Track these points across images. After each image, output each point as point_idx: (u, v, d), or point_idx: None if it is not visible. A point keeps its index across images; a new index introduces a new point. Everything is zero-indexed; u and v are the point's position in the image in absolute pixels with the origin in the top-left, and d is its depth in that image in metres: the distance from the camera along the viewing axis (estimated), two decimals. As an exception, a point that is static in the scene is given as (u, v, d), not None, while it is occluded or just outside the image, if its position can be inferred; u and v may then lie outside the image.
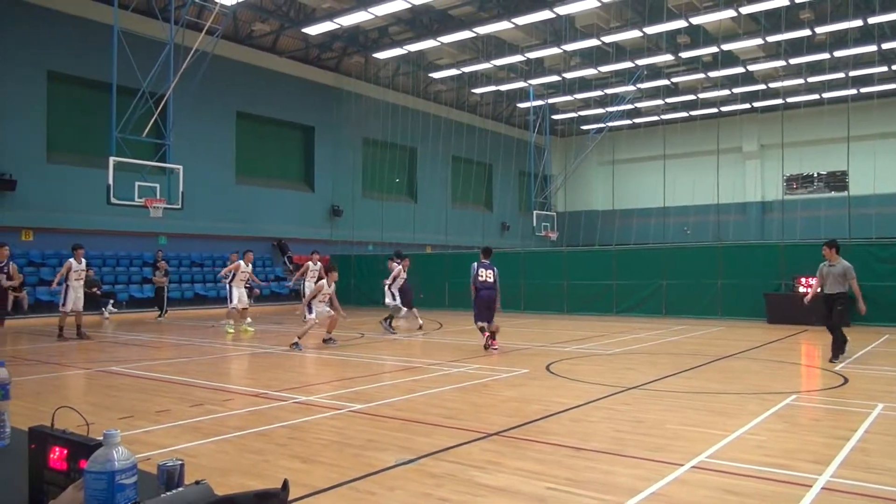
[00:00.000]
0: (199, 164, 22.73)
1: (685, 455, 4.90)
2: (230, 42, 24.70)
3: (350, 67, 30.43)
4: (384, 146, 30.81)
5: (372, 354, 11.47)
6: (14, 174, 19.86)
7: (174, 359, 10.95)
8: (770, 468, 4.58)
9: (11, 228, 20.09)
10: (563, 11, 22.17)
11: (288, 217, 27.58)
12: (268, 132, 27.94)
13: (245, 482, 4.30)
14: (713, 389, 7.88)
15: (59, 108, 21.44)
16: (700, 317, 18.86)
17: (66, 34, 21.03)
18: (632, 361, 10.42)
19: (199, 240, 24.33)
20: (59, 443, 1.61)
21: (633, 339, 13.66)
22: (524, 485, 4.26)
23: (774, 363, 10.16)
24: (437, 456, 4.93)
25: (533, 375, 8.89)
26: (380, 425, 5.96)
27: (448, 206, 33.81)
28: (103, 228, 21.46)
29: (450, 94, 34.40)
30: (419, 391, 7.73)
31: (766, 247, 20.06)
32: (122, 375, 9.07)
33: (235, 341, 13.68)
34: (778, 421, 6.15)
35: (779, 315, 17.08)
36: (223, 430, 5.75)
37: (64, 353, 11.74)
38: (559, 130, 41.27)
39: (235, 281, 15.66)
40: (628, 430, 5.75)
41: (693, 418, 6.27)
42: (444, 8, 24.01)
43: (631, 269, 20.73)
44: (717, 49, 25.35)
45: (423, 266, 24.66)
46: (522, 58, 27.34)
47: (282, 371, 9.58)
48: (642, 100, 33.87)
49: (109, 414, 6.48)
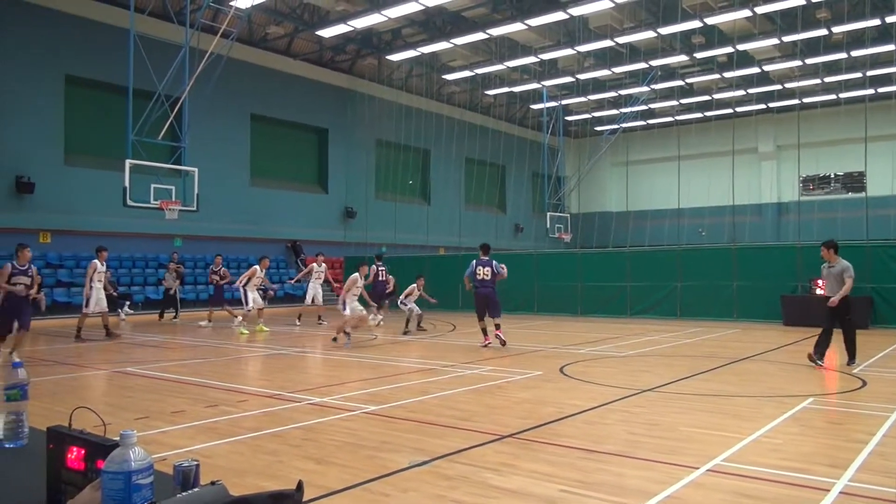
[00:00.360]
0: (214, 167, 22.89)
1: (700, 458, 4.87)
2: (245, 45, 24.87)
3: (363, 69, 30.54)
4: (397, 148, 30.88)
5: (385, 356, 11.49)
6: (32, 177, 20.11)
7: (189, 360, 11.03)
8: (786, 472, 4.54)
9: (30, 230, 20.35)
10: (577, 12, 22.13)
11: (302, 219, 27.70)
12: (282, 134, 28.09)
13: (260, 483, 4.33)
14: (728, 392, 7.82)
15: (77, 111, 21.69)
16: (715, 319, 18.73)
17: (84, 38, 21.28)
18: (646, 364, 10.36)
19: (213, 241, 24.48)
20: (76, 443, 1.62)
21: (647, 341, 13.59)
22: (537, 487, 4.25)
23: (791, 366, 10.06)
24: (451, 458, 4.93)
25: (547, 377, 8.86)
26: (393, 427, 5.97)
27: (461, 208, 33.81)
28: (119, 230, 21.68)
29: (463, 95, 34.42)
30: (433, 393, 7.73)
31: (783, 248, 19.88)
32: (138, 376, 9.14)
33: (250, 342, 13.75)
34: (794, 424, 6.09)
35: (795, 317, 16.93)
36: (238, 431, 5.78)
37: (81, 353, 11.86)
38: (573, 131, 41.16)
39: (250, 285, 15.92)
40: (642, 433, 5.72)
41: (708, 421, 6.22)
42: (457, 10, 24.04)
43: (645, 270, 20.63)
44: (732, 49, 25.19)
45: (437, 268, 24.69)
46: (536, 59, 27.32)
47: (296, 372, 9.62)
48: (656, 100, 33.71)
49: (125, 414, 6.53)
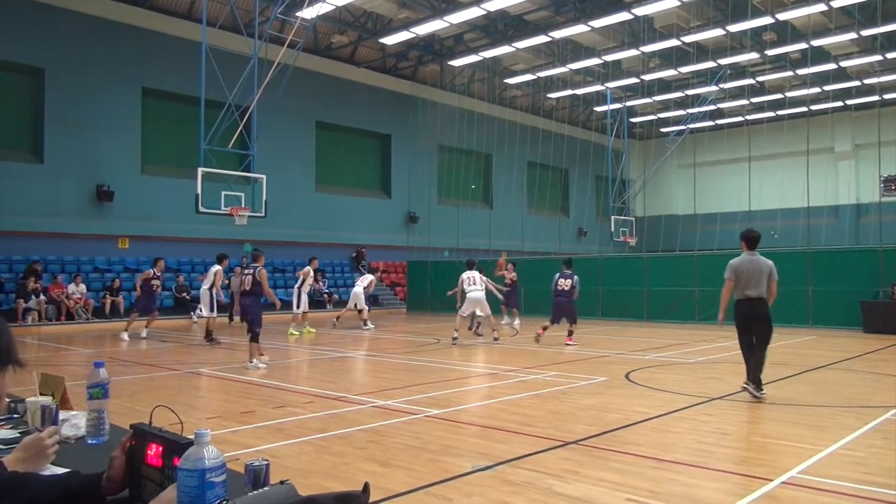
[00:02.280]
0: (281, 173, 23.48)
1: (774, 470, 4.68)
2: (310, 54, 25.42)
3: (426, 75, 30.77)
4: (459, 153, 30.96)
5: (448, 360, 11.51)
6: (112, 185, 21.09)
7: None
8: (870, 486, 4.31)
9: (109, 236, 21.35)
10: (642, 12, 21.72)
11: (365, 224, 28.10)
12: (346, 141, 28.58)
13: (325, 484, 4.40)
14: (804, 401, 7.50)
15: (152, 122, 22.65)
16: (789, 325, 17.98)
17: (159, 52, 22.21)
18: (716, 371, 10.05)
19: (281, 247, 25.09)
20: (156, 440, 1.68)
21: (716, 347, 13.17)
22: (604, 495, 4.17)
23: (872, 375, 9.58)
24: (514, 463, 4.89)
25: (612, 384, 8.71)
26: (457, 431, 5.97)
27: (524, 212, 33.60)
28: (192, 236, 22.50)
29: (525, 99, 34.24)
30: (496, 398, 7.70)
31: (863, 252, 18.95)
32: (210, 377, 9.44)
33: (313, 344, 14.02)
34: (877, 436, 5.78)
35: (877, 324, 16.11)
36: (305, 433, 5.89)
37: (157, 355, 12.34)
38: (637, 133, 40.38)
39: (304, 286, 16.33)
40: (712, 442, 5.55)
41: (782, 431, 5.97)
42: (519, 13, 23.95)
43: (715, 274, 19.77)
44: (806, 45, 24.20)
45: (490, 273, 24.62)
46: (599, 61, 26.94)
47: (360, 375, 9.74)
48: (725, 100, 32.72)
49: (198, 414, 6.76)
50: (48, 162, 20.24)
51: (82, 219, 20.69)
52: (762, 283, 7.65)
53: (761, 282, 7.65)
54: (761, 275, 7.65)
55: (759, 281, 7.64)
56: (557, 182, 35.91)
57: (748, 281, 7.64)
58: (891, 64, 27.39)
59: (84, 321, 18.47)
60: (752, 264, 7.72)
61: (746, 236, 8.01)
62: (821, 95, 31.26)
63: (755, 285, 7.65)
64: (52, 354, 12.39)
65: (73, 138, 20.50)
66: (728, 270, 7.80)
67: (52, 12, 20.23)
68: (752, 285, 7.65)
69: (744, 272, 7.69)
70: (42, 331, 17.10)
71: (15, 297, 17.81)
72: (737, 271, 7.74)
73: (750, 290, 7.66)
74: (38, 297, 17.98)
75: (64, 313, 18.44)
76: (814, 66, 26.79)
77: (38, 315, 17.84)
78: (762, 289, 7.66)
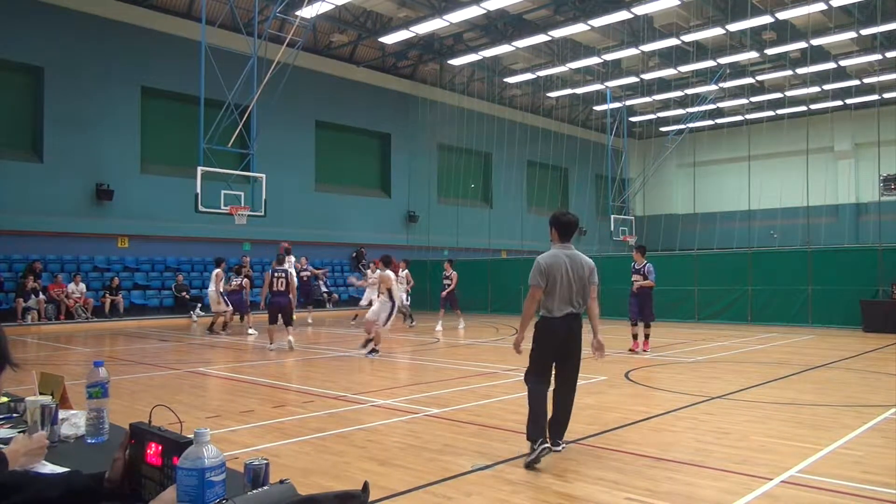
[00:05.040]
0: (281, 173, 23.46)
1: (774, 469, 4.69)
2: (310, 53, 25.40)
3: (425, 74, 30.76)
4: (459, 152, 30.95)
5: (447, 359, 11.51)
6: (111, 184, 21.06)
7: (256, 361, 11.32)
8: (870, 486, 4.31)
9: (109, 235, 21.33)
10: (641, 11, 21.71)
11: (365, 223, 28.08)
12: (346, 140, 28.56)
13: (325, 483, 4.40)
14: (804, 400, 7.50)
15: (152, 121, 22.62)
16: (789, 324, 18.01)
17: (159, 51, 22.17)
18: (715, 370, 10.05)
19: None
20: (155, 439, 1.68)
21: (716, 346, 13.18)
22: (603, 494, 4.17)
23: (872, 374, 9.58)
24: (514, 462, 4.90)
25: (611, 383, 8.71)
26: (456, 430, 5.97)
27: (523, 211, 33.60)
28: (191, 235, 22.48)
29: (524, 98, 34.23)
30: (495, 396, 7.70)
31: (862, 251, 18.95)
32: (209, 376, 9.44)
33: (313, 344, 14.01)
34: (877, 436, 5.78)
35: (876, 323, 16.11)
36: (304, 432, 5.89)
37: (157, 354, 12.34)
38: (637, 132, 40.37)
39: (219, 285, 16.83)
40: (712, 441, 5.55)
41: (782, 430, 5.97)
42: (518, 13, 23.94)
43: (714, 274, 20.03)
44: (805, 44, 24.20)
45: (497, 271, 24.66)
46: (599, 60, 26.93)
47: (360, 374, 9.74)
48: (725, 99, 32.71)
49: (198, 413, 6.75)
50: (47, 161, 20.21)
51: (82, 218, 20.66)
52: (584, 292, 5.27)
53: (583, 290, 5.27)
54: (582, 280, 5.25)
55: (582, 288, 5.25)
56: (557, 181, 35.90)
57: (566, 288, 5.18)
58: (890, 63, 27.39)
59: (83, 320, 18.47)
60: (571, 262, 5.23)
61: (559, 220, 5.39)
62: (820, 94, 31.26)
63: (576, 294, 5.22)
64: (51, 354, 12.40)
65: (72, 137, 20.47)
66: (535, 273, 5.21)
67: (51, 11, 20.21)
68: (571, 295, 5.20)
69: (559, 276, 5.17)
70: (41, 330, 17.10)
71: (14, 297, 17.80)
72: (549, 274, 5.19)
73: (568, 304, 5.20)
74: (38, 297, 17.97)
75: (63, 312, 18.43)
76: (813, 66, 26.76)
77: (37, 314, 17.83)
78: (582, 300, 5.29)
